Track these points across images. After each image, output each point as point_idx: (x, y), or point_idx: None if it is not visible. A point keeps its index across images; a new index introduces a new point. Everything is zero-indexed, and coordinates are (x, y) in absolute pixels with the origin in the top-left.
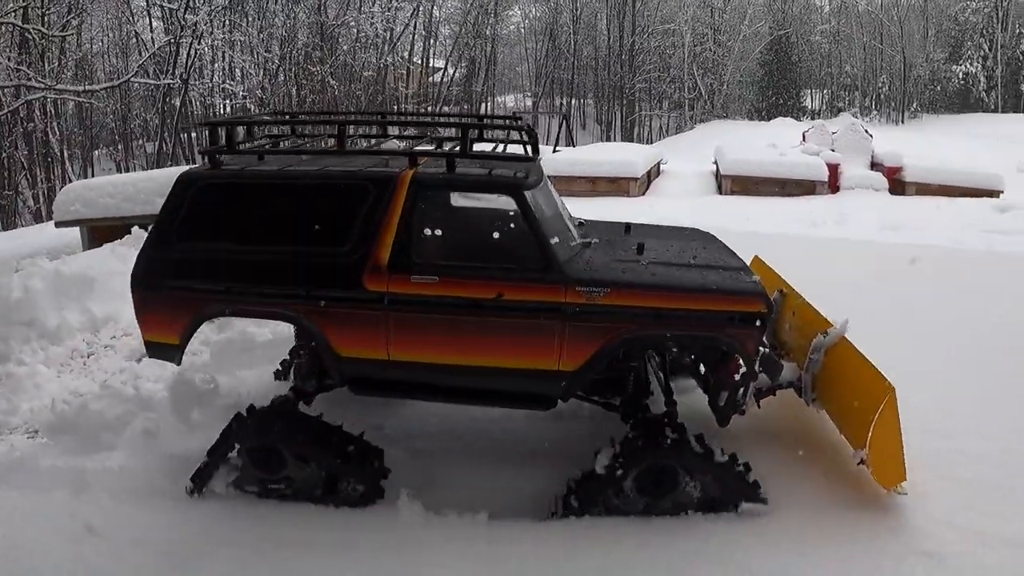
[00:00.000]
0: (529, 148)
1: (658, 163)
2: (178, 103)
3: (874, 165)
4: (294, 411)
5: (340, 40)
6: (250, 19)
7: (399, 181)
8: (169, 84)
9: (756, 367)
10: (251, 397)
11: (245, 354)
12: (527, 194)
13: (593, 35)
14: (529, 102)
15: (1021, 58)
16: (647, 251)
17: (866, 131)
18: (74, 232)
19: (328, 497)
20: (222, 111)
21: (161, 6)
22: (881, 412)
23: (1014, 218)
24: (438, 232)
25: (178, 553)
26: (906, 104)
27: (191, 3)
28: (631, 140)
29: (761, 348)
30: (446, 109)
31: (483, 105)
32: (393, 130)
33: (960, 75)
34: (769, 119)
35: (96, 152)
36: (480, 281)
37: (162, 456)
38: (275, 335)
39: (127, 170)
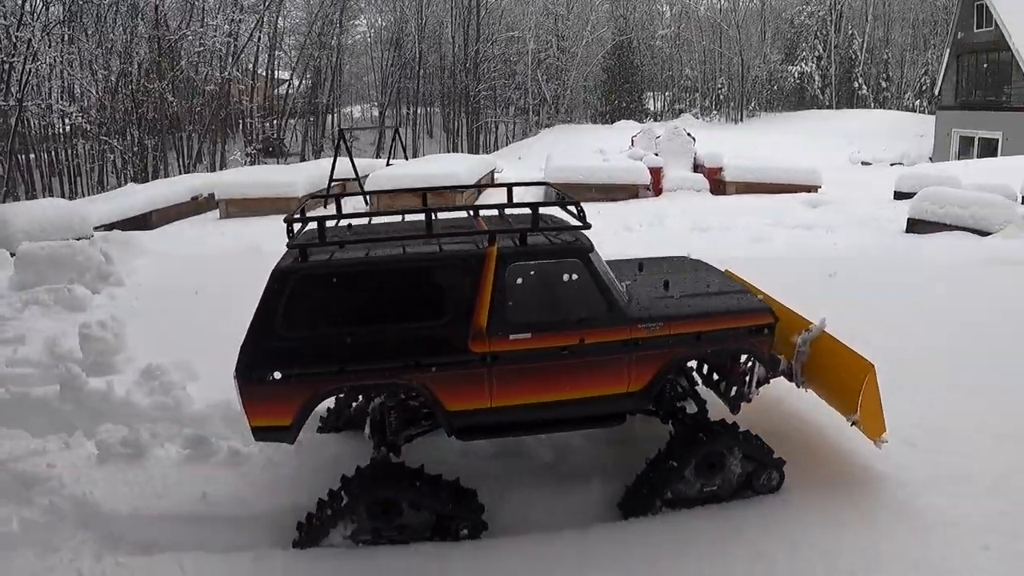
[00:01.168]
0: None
1: (491, 172)
2: (13, 122)
3: (696, 167)
4: (402, 465)
5: (182, 54)
6: (88, 33)
7: (487, 256)
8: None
9: (768, 363)
10: (317, 454)
11: None
12: (590, 256)
13: (439, 43)
14: (376, 112)
15: (853, 58)
16: (672, 287)
17: (688, 134)
18: None
19: (436, 538)
20: (60, 130)
21: None
22: (866, 383)
23: (823, 212)
24: (523, 295)
25: None
26: (744, 103)
27: (23, 18)
28: (477, 147)
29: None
30: (291, 122)
31: (330, 116)
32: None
33: (796, 75)
34: (612, 122)
35: None
36: (564, 332)
37: (254, 514)
38: None
39: None
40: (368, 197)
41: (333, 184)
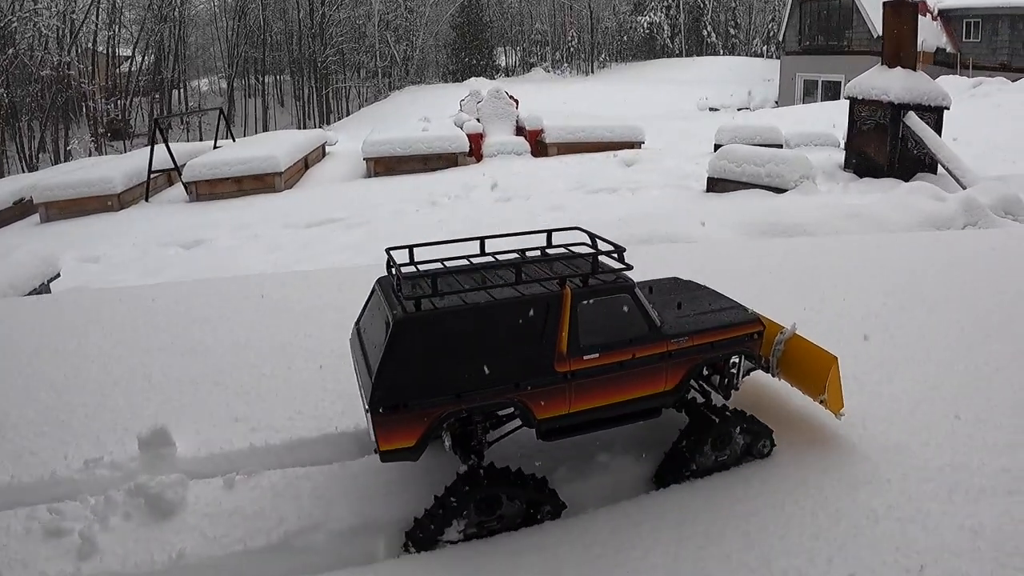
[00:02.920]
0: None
1: (322, 146)
2: None
3: (519, 130)
4: (493, 465)
5: (16, 38)
6: None
7: (564, 296)
8: None
9: (758, 360)
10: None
11: None
12: (635, 290)
13: (284, 9)
14: (224, 84)
15: (702, 6)
16: (684, 306)
17: (510, 97)
18: None
19: (527, 523)
20: None
21: None
22: (832, 372)
23: (634, 171)
24: (591, 324)
25: None
26: (595, 55)
27: None
28: (328, 114)
29: None
30: (136, 101)
31: (176, 92)
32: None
33: (645, 25)
34: (463, 80)
35: None
36: (622, 350)
37: (364, 523)
38: None
39: None
40: (188, 187)
41: (153, 175)
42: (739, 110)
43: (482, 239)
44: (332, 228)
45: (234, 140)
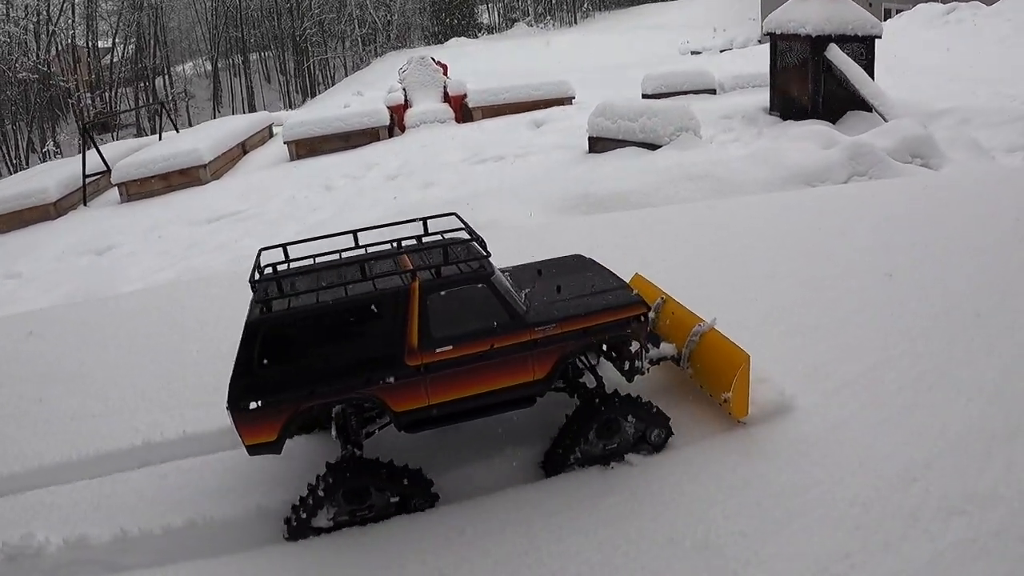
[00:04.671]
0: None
1: (268, 128)
2: None
3: (447, 97)
4: (365, 457)
5: None
6: None
7: (412, 290)
8: None
9: (647, 343)
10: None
11: None
12: (492, 279)
13: None
14: (209, 66)
15: None
16: (564, 289)
17: (436, 63)
18: None
19: (399, 513)
20: None
21: None
22: (741, 371)
23: (540, 133)
24: (444, 315)
25: None
26: (578, 5)
27: None
28: (313, 87)
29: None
30: (122, 91)
31: (160, 79)
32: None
33: None
34: (445, 41)
35: None
36: (478, 340)
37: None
38: None
39: None
40: (119, 188)
41: (92, 178)
42: (721, 51)
43: (355, 232)
44: (228, 222)
45: (177, 132)
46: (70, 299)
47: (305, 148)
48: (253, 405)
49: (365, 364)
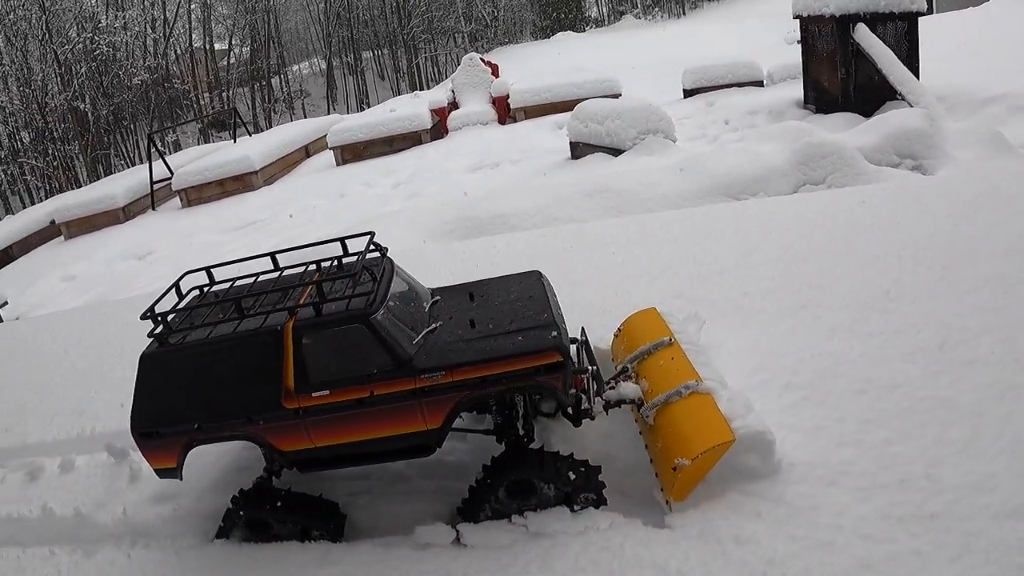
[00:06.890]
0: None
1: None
2: None
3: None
4: (272, 488)
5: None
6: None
7: (285, 331)
8: None
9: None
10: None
11: None
12: (372, 320)
13: None
14: (324, 65)
15: None
16: (478, 324)
17: (486, 63)
18: None
19: (303, 540)
20: None
21: None
22: (717, 448)
23: (560, 136)
24: (321, 358)
25: None
26: None
27: None
28: (421, 82)
29: (590, 368)
30: (239, 91)
31: (276, 79)
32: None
33: None
34: (552, 35)
35: None
36: (356, 387)
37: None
38: None
39: None
40: (179, 194)
41: (160, 185)
42: None
43: (274, 255)
44: (248, 231)
45: (250, 135)
46: (97, 300)
47: (351, 153)
48: (149, 432)
49: (246, 404)
